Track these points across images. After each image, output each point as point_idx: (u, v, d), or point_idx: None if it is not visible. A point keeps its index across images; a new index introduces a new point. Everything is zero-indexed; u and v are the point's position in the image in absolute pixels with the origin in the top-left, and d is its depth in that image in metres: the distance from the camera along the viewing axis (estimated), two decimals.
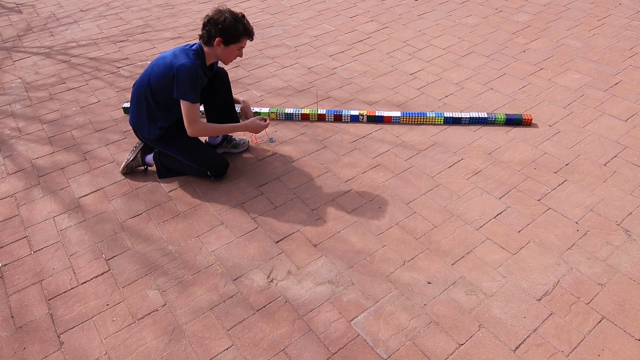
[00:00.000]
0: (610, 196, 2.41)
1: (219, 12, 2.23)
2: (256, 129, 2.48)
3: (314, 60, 3.77)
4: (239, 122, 2.66)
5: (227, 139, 2.81)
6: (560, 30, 4.06)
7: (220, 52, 2.30)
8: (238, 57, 2.43)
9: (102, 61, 3.90)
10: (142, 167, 2.68)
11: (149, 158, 2.64)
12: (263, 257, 2.16)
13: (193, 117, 2.30)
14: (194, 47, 2.31)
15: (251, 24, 2.30)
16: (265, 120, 2.51)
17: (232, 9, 2.25)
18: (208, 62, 2.37)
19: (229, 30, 2.21)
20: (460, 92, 3.29)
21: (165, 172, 2.63)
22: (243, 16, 2.27)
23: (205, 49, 2.31)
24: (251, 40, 2.35)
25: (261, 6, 4.79)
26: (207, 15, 2.24)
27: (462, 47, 3.87)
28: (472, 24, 4.23)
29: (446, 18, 4.37)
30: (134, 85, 2.46)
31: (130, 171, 2.67)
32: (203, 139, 2.76)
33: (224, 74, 2.58)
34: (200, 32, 2.29)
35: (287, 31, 4.26)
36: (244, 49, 2.43)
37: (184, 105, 2.28)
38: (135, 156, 2.62)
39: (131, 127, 2.54)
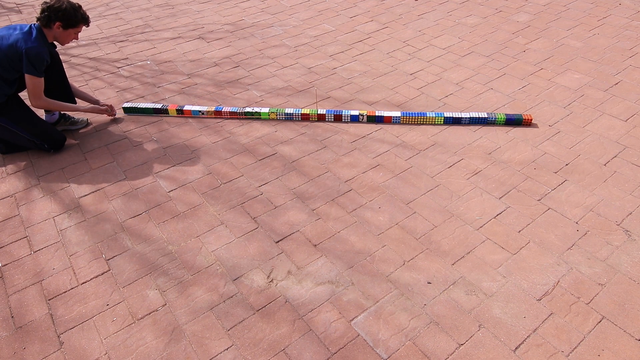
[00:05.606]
0: (610, 196, 2.41)
1: (58, 0, 2.56)
2: (96, 112, 3.00)
3: (314, 60, 3.77)
4: (76, 102, 2.99)
5: (65, 117, 3.03)
6: (560, 30, 4.06)
7: (58, 34, 2.62)
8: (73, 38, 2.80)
9: (102, 61, 3.90)
10: None
11: None
12: (263, 257, 2.16)
13: (39, 90, 2.64)
14: (34, 28, 2.57)
15: (87, 14, 2.68)
16: (108, 110, 3.04)
17: None
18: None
19: (69, 16, 2.56)
20: (460, 92, 3.29)
21: (4, 148, 2.82)
22: (80, 7, 2.64)
23: (45, 30, 2.60)
24: (87, 27, 2.72)
25: (261, 6, 4.79)
26: (45, 2, 2.56)
27: (462, 47, 3.87)
28: (472, 24, 4.23)
29: (446, 18, 4.37)
30: None
31: None
32: (41, 115, 3.03)
33: (54, 54, 2.80)
34: (38, 16, 2.57)
35: (287, 31, 4.26)
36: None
37: (30, 79, 2.58)
38: None
39: None
